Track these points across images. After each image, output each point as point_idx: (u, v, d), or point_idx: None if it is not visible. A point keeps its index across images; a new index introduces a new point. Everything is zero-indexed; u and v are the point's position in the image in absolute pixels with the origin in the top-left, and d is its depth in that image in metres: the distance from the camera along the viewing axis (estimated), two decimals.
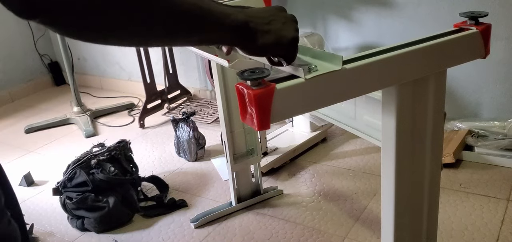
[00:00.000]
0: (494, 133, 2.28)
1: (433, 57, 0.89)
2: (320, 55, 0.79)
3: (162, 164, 2.61)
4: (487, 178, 2.13)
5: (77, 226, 2.08)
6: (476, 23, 0.95)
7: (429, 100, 0.94)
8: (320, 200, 2.13)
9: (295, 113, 0.75)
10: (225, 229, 1.99)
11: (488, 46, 0.96)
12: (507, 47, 2.21)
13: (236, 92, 0.67)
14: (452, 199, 2.01)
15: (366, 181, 2.23)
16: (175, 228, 2.03)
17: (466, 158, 2.28)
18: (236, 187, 2.09)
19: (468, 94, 2.42)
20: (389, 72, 0.83)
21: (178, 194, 2.29)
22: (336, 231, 1.90)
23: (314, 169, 2.39)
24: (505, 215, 1.88)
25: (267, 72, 0.66)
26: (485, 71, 2.32)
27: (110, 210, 2.03)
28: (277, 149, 2.45)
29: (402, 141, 0.93)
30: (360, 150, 2.52)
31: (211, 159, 2.59)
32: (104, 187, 2.07)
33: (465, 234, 1.80)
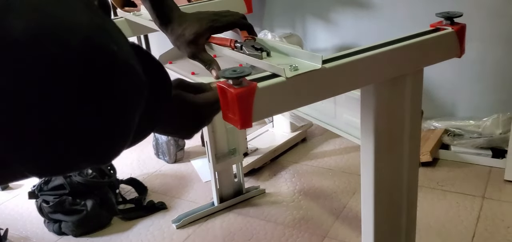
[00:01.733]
0: (469, 131, 2.32)
1: (410, 57, 0.90)
2: (300, 55, 0.80)
3: (140, 166, 2.58)
4: (463, 176, 2.18)
5: (54, 230, 2.04)
6: (452, 23, 0.97)
7: (407, 99, 0.96)
8: (300, 199, 2.14)
9: (276, 112, 0.75)
10: (205, 230, 1.99)
11: (463, 46, 0.98)
12: (481, 48, 2.26)
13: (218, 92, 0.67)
14: (429, 197, 2.04)
15: (345, 180, 2.25)
16: (154, 231, 2.02)
17: (442, 156, 2.32)
18: (218, 187, 2.09)
19: (444, 94, 2.46)
20: (367, 71, 0.84)
21: (157, 196, 2.27)
22: (316, 230, 1.92)
23: (295, 169, 2.40)
24: (481, 211, 1.92)
25: (248, 71, 0.66)
26: (460, 71, 2.36)
27: (88, 213, 2.01)
28: (258, 149, 2.46)
29: (381, 138, 0.94)
30: (339, 149, 2.54)
31: (191, 160, 2.58)
32: (82, 190, 2.04)
33: (442, 232, 1.83)
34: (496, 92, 2.31)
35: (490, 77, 2.31)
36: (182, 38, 0.93)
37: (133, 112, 0.51)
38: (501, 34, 2.21)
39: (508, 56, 2.22)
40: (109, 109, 0.48)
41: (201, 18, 0.93)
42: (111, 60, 0.47)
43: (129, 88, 0.49)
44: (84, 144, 0.48)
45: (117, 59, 0.48)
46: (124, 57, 0.49)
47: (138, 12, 1.40)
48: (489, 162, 2.22)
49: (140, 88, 0.51)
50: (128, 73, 0.49)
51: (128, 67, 0.49)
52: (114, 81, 0.47)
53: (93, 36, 0.46)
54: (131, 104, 0.50)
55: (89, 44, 0.45)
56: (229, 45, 0.89)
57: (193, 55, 0.94)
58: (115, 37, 0.49)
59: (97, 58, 0.46)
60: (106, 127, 0.48)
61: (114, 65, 0.47)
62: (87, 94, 0.45)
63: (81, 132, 0.46)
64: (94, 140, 0.48)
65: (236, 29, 0.95)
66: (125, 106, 0.49)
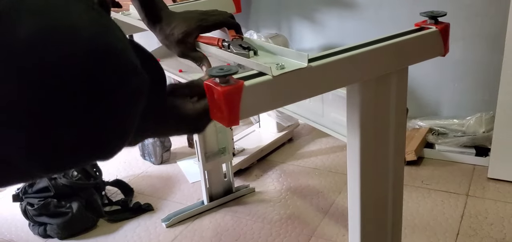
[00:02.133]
0: (453, 130, 2.35)
1: (395, 55, 0.91)
2: (287, 53, 0.80)
3: (126, 168, 2.57)
4: (448, 174, 2.20)
5: (39, 233, 2.02)
6: (436, 22, 0.98)
7: (392, 97, 0.97)
8: (287, 199, 2.15)
9: (263, 110, 0.76)
10: (192, 231, 1.98)
11: (447, 45, 0.99)
12: (464, 47, 2.29)
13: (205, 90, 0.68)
14: (414, 195, 2.06)
15: (331, 179, 2.26)
16: (140, 232, 2.01)
17: (427, 155, 2.35)
18: (208, 186, 2.09)
19: (428, 94, 2.49)
20: (353, 69, 0.85)
21: (144, 198, 2.26)
22: (303, 229, 1.92)
23: (281, 169, 2.41)
24: (465, 209, 1.94)
25: (235, 69, 0.66)
26: (444, 71, 2.39)
27: (73, 216, 1.99)
28: (245, 149, 2.46)
29: (367, 136, 0.95)
30: (325, 149, 2.56)
31: (177, 162, 2.57)
32: (67, 192, 2.02)
33: (427, 229, 1.85)
34: (479, 91, 2.35)
35: (473, 77, 2.34)
36: (171, 37, 0.93)
37: (136, 109, 0.52)
38: (483, 33, 2.24)
39: (490, 56, 2.25)
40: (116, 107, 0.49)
41: (189, 17, 0.93)
42: (116, 59, 0.48)
43: (133, 86, 0.50)
44: (91, 142, 0.49)
45: (122, 58, 0.49)
46: (128, 55, 0.50)
47: (127, 11, 1.39)
48: (473, 160, 2.25)
49: (143, 86, 0.52)
50: (132, 71, 0.50)
51: (132, 65, 0.50)
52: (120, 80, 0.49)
53: (98, 36, 0.47)
54: (135, 102, 0.52)
55: (95, 44, 0.46)
56: (216, 44, 0.89)
57: (183, 54, 0.94)
58: (119, 36, 0.50)
59: (103, 57, 0.47)
60: (113, 124, 0.50)
61: (120, 64, 0.49)
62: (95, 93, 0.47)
63: (89, 130, 0.48)
64: (101, 137, 0.50)
65: (224, 28, 0.95)
66: (130, 104, 0.51)
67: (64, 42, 0.45)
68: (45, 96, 0.44)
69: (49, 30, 0.44)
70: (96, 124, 0.48)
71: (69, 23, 0.46)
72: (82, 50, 0.45)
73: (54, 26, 0.45)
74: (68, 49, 0.45)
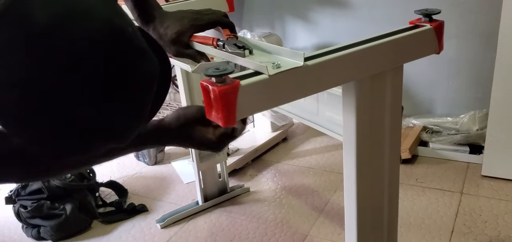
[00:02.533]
0: (447, 128, 2.36)
1: (390, 53, 0.92)
2: (282, 52, 0.80)
3: (120, 169, 2.56)
4: (442, 172, 2.21)
5: (32, 235, 2.00)
6: (430, 20, 0.99)
7: (387, 95, 0.97)
8: (282, 199, 2.14)
9: (259, 109, 0.76)
10: (187, 232, 1.98)
11: (442, 42, 1.00)
12: (458, 45, 2.30)
13: (201, 90, 0.67)
14: (409, 194, 2.07)
15: (326, 178, 2.26)
16: (135, 234, 2.00)
17: (421, 153, 2.36)
18: (202, 186, 2.08)
19: (422, 92, 2.50)
20: (348, 68, 0.85)
21: (138, 199, 2.25)
22: (298, 229, 1.92)
23: (276, 168, 2.40)
24: (459, 207, 1.95)
25: (231, 69, 0.66)
26: (437, 69, 2.40)
27: (67, 218, 1.97)
28: (239, 149, 2.45)
29: (362, 134, 0.95)
30: (320, 148, 2.56)
31: (171, 162, 2.56)
32: (61, 194, 2.01)
33: (422, 227, 1.85)
34: (472, 89, 2.35)
35: (466, 75, 2.35)
36: (165, 37, 0.92)
37: (150, 93, 0.53)
38: (476, 31, 2.25)
39: (483, 53, 2.26)
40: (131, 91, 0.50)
41: (183, 17, 0.92)
42: (130, 42, 0.49)
43: (146, 71, 0.51)
44: (108, 125, 0.50)
45: (135, 41, 0.50)
46: (139, 39, 0.51)
47: None
48: (467, 158, 2.26)
49: (155, 70, 0.53)
50: (144, 56, 0.51)
51: (143, 49, 0.51)
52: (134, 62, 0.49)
53: (112, 20, 0.48)
54: (148, 87, 0.52)
55: (109, 27, 0.47)
56: (211, 44, 0.89)
57: (178, 53, 0.94)
58: (128, 19, 0.51)
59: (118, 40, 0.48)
60: (128, 107, 0.51)
61: (133, 47, 0.49)
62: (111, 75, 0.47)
63: (106, 114, 0.49)
64: (118, 120, 0.51)
65: (218, 27, 0.95)
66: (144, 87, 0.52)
67: (81, 26, 0.45)
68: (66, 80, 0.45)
69: (66, 15, 0.45)
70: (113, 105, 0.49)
71: (85, 7, 0.47)
72: (99, 34, 0.46)
73: (70, 11, 0.45)
74: (85, 33, 0.45)
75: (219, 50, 0.88)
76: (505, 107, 1.96)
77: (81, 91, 0.46)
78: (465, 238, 1.77)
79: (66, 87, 0.45)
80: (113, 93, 0.48)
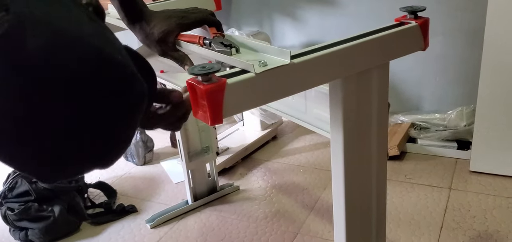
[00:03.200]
0: (435, 124, 2.38)
1: (376, 51, 0.92)
2: (269, 50, 0.80)
3: (109, 169, 2.53)
4: (430, 168, 2.22)
5: (20, 238, 1.98)
6: (415, 17, 0.99)
7: (374, 92, 0.97)
8: (272, 197, 2.14)
9: (246, 108, 0.75)
10: (177, 232, 1.97)
11: (427, 39, 1.00)
12: (444, 42, 2.32)
13: (187, 89, 0.67)
14: (398, 190, 2.08)
15: (316, 176, 2.27)
16: (125, 235, 1.99)
17: (409, 150, 2.37)
18: (192, 185, 2.07)
19: (409, 89, 2.51)
20: (335, 65, 0.85)
21: (127, 200, 2.23)
22: (289, 227, 1.92)
23: (266, 167, 2.40)
24: (448, 202, 1.97)
25: (217, 67, 0.66)
26: (425, 66, 2.42)
27: (55, 220, 1.96)
28: (229, 148, 2.45)
29: (350, 131, 0.95)
30: (309, 146, 2.56)
31: (160, 162, 2.55)
32: (48, 196, 1.99)
33: (411, 223, 1.86)
34: (459, 85, 2.37)
35: (453, 71, 2.37)
36: (152, 36, 0.92)
37: (138, 117, 0.53)
38: (462, 28, 2.27)
39: (470, 50, 2.28)
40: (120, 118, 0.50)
41: (169, 16, 0.92)
42: (120, 69, 0.49)
43: (135, 96, 0.51)
44: (95, 154, 0.51)
45: (124, 69, 0.50)
46: (128, 65, 0.51)
47: (106, 11, 1.37)
48: (455, 153, 2.28)
49: (143, 94, 0.53)
50: (134, 82, 0.51)
51: (132, 75, 0.51)
52: (124, 91, 0.50)
53: (102, 48, 0.48)
54: (137, 111, 0.53)
55: (99, 55, 0.47)
56: (198, 42, 0.89)
57: (164, 53, 0.93)
58: (116, 45, 0.51)
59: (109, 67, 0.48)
60: (116, 135, 0.51)
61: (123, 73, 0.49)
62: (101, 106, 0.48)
63: (94, 142, 0.49)
64: (105, 148, 0.51)
65: (205, 26, 0.94)
66: (133, 114, 0.52)
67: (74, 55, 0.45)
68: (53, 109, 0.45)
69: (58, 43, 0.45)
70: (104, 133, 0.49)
71: (77, 35, 0.47)
72: (92, 63, 0.46)
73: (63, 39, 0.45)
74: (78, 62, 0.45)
75: (206, 49, 0.87)
76: (492, 103, 1.98)
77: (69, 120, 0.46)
78: (454, 233, 1.78)
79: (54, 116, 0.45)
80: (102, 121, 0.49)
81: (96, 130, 0.48)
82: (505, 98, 1.95)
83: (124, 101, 0.50)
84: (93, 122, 0.47)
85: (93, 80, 0.46)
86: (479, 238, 1.75)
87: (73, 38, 0.46)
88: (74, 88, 0.45)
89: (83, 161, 0.50)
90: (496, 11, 1.85)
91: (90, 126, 0.47)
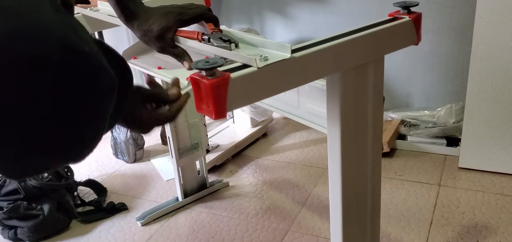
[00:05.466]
0: (424, 121, 2.40)
1: (373, 44, 0.94)
2: (269, 45, 0.80)
3: (99, 167, 2.52)
4: (420, 164, 2.24)
5: (9, 236, 1.96)
6: (408, 12, 1.01)
7: (370, 85, 0.99)
8: (263, 194, 2.14)
9: (249, 102, 0.75)
10: (168, 229, 1.96)
11: (420, 33, 1.03)
12: (434, 40, 2.34)
13: (191, 83, 0.66)
14: (388, 187, 2.10)
15: (306, 173, 2.27)
16: (115, 233, 1.97)
17: (399, 146, 2.39)
18: (182, 182, 2.07)
19: (399, 86, 2.53)
20: (334, 59, 0.86)
21: (118, 197, 2.22)
22: (280, 224, 1.93)
23: (257, 164, 2.40)
24: (437, 199, 1.99)
25: (221, 62, 0.65)
26: (414, 63, 2.44)
27: (44, 218, 1.94)
28: (219, 146, 2.45)
29: (347, 124, 0.96)
30: (299, 143, 2.57)
31: (150, 160, 2.54)
32: (38, 194, 1.97)
33: (401, 220, 1.88)
34: (448, 82, 2.40)
35: (442, 68, 2.39)
36: (150, 33, 0.91)
37: (106, 112, 0.51)
38: (451, 25, 2.29)
39: (459, 47, 2.30)
40: (84, 111, 0.48)
41: (168, 12, 0.91)
42: (84, 60, 0.47)
43: (102, 89, 0.49)
44: (59, 147, 0.48)
45: (90, 60, 0.48)
46: (95, 56, 0.49)
47: (95, 7, 1.36)
48: (444, 150, 2.30)
49: (112, 88, 0.51)
50: (100, 73, 0.49)
51: (100, 67, 0.49)
52: (88, 82, 0.48)
53: (68, 37, 0.46)
54: (104, 104, 0.51)
55: (62, 44, 0.45)
56: (196, 38, 0.88)
57: (163, 49, 0.92)
58: (84, 36, 0.49)
59: (74, 58, 0.46)
60: (81, 129, 0.49)
61: (90, 65, 0.48)
62: (63, 96, 0.46)
63: (56, 135, 0.47)
64: (69, 141, 0.49)
65: (202, 21, 0.94)
66: (99, 107, 0.50)
67: (36, 43, 0.44)
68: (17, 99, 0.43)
69: (20, 31, 0.43)
70: (67, 126, 0.47)
71: (40, 24, 0.45)
72: (54, 52, 0.44)
73: (26, 27, 0.44)
74: (40, 51, 0.44)
75: (205, 44, 0.87)
76: (480, 100, 2.01)
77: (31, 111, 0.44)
78: (443, 229, 1.80)
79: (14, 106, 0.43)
80: (66, 113, 0.47)
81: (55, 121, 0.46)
82: (494, 96, 1.98)
83: (88, 93, 0.48)
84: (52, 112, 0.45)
85: (53, 68, 0.44)
86: (468, 234, 1.77)
87: (34, 25, 0.44)
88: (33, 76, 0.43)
89: (47, 154, 0.48)
90: (485, 8, 1.87)
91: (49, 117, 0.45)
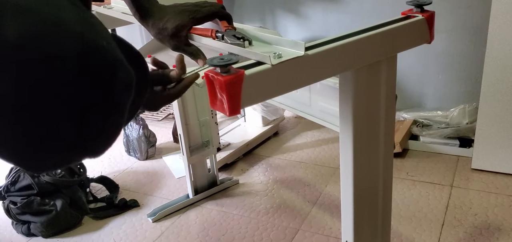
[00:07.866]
0: (437, 122, 2.38)
1: (386, 43, 0.94)
2: (282, 43, 0.80)
3: (111, 164, 2.54)
4: (432, 165, 2.23)
5: (22, 231, 1.98)
6: (422, 10, 1.01)
7: (382, 84, 0.99)
8: (274, 193, 2.14)
9: (262, 99, 0.76)
10: (179, 226, 1.97)
11: (433, 32, 1.02)
12: (448, 40, 2.32)
13: (205, 80, 0.67)
14: (400, 187, 2.08)
15: (317, 172, 2.27)
16: (127, 229, 1.98)
17: (412, 147, 2.37)
18: (192, 179, 2.08)
19: (412, 86, 2.52)
20: (347, 57, 0.86)
21: (129, 194, 2.23)
22: (290, 223, 1.93)
23: (267, 163, 2.41)
24: (449, 200, 1.97)
25: (236, 59, 0.66)
26: (428, 63, 2.42)
27: (57, 214, 1.96)
28: (230, 144, 2.45)
29: (359, 122, 0.96)
30: (311, 142, 2.56)
31: (162, 157, 2.55)
32: (51, 190, 1.99)
33: (413, 221, 1.87)
34: (462, 83, 2.38)
35: (456, 69, 2.37)
36: (165, 31, 0.91)
37: (125, 106, 0.52)
38: (465, 25, 2.27)
39: (473, 48, 2.28)
40: (104, 105, 0.49)
41: (182, 10, 0.92)
42: (105, 55, 0.48)
43: (121, 83, 0.50)
44: (79, 141, 0.49)
45: (108, 56, 0.49)
46: (113, 52, 0.50)
47: (109, 5, 1.37)
48: (457, 151, 2.28)
49: (130, 83, 0.52)
50: (119, 69, 0.50)
51: (118, 62, 0.50)
52: (107, 78, 0.48)
53: (84, 33, 0.47)
54: (123, 99, 0.51)
55: (82, 42, 0.46)
56: (210, 35, 0.89)
57: (177, 47, 0.93)
58: (102, 32, 0.50)
59: (92, 54, 0.47)
60: (101, 123, 0.50)
61: (108, 60, 0.48)
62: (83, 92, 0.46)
63: (77, 130, 0.48)
64: (90, 136, 0.49)
65: (216, 19, 0.94)
66: (118, 101, 0.51)
67: (56, 41, 0.44)
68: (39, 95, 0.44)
69: (39, 28, 0.44)
70: (87, 121, 0.48)
71: (58, 21, 0.45)
72: (73, 48, 0.45)
73: (43, 24, 0.44)
74: (60, 48, 0.44)
75: (219, 42, 0.87)
76: (494, 101, 1.99)
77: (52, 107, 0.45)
78: (455, 230, 1.79)
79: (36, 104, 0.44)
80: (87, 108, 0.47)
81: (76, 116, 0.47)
82: (508, 97, 1.96)
83: (108, 88, 0.49)
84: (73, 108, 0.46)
85: (73, 65, 0.45)
86: (480, 235, 1.75)
87: (53, 23, 0.45)
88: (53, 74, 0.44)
89: (67, 148, 0.49)
90: (500, 8, 1.85)
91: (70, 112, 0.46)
